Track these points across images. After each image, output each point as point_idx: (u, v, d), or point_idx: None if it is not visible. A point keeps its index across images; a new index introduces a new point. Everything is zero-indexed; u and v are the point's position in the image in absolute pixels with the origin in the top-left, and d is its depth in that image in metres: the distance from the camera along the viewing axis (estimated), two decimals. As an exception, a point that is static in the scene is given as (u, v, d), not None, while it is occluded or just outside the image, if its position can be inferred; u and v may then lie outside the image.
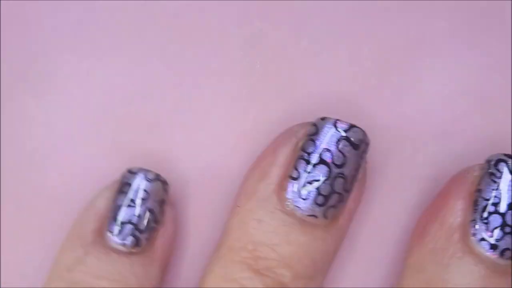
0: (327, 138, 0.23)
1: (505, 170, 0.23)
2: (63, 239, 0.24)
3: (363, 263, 0.26)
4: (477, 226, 0.22)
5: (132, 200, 0.24)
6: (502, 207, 0.22)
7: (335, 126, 0.23)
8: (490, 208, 0.22)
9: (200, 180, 0.26)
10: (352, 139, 0.23)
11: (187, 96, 0.25)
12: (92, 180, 0.25)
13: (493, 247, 0.22)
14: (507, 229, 0.22)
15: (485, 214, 0.22)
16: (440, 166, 0.26)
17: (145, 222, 0.24)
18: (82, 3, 0.25)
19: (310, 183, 0.23)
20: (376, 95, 0.25)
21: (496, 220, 0.22)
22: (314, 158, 0.23)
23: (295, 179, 0.23)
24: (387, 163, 0.25)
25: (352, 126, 0.23)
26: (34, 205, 0.25)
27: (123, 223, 0.24)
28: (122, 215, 0.24)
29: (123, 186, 0.24)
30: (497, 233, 0.22)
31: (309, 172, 0.23)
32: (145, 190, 0.24)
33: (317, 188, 0.23)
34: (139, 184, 0.24)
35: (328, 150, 0.23)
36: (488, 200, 0.22)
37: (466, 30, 0.25)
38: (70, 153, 0.25)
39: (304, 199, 0.23)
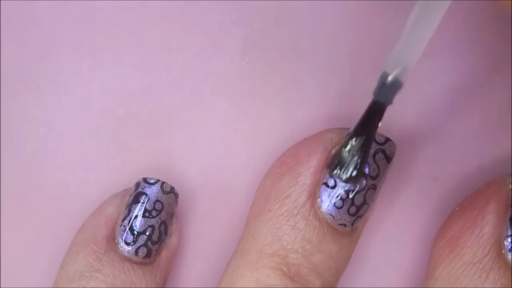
0: None
1: None
2: (70, 244, 0.24)
3: (362, 263, 0.26)
4: None
5: (148, 211, 0.24)
6: None
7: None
8: None
9: (200, 180, 0.26)
10: (387, 152, 0.23)
11: (187, 96, 0.25)
12: (92, 180, 0.25)
13: None
14: None
15: None
16: (440, 166, 0.26)
17: (158, 234, 0.24)
18: (82, 3, 0.25)
19: (346, 192, 0.23)
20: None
21: None
22: None
23: (330, 187, 0.23)
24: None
25: (388, 140, 0.23)
26: (34, 205, 0.25)
27: (139, 234, 0.23)
28: (138, 225, 0.23)
29: (139, 196, 0.24)
30: None
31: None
32: (161, 202, 0.24)
33: (352, 198, 0.23)
34: (157, 195, 0.24)
35: None
36: None
37: (466, 30, 0.25)
38: (70, 153, 0.25)
39: (338, 208, 0.23)
